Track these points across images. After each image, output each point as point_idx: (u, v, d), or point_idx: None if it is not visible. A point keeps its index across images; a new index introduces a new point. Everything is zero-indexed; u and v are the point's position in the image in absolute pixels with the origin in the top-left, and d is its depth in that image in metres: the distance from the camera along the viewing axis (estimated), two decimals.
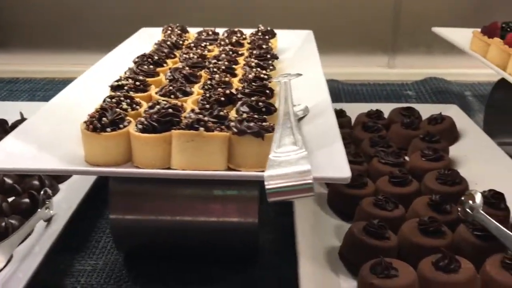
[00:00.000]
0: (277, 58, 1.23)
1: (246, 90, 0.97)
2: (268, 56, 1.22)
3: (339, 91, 1.94)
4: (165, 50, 1.26)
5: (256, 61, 1.15)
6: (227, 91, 0.94)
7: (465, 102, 1.84)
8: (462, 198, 0.99)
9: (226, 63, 1.14)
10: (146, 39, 1.49)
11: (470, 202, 0.97)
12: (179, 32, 1.45)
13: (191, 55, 1.22)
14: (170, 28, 1.49)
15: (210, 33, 1.47)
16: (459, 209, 0.99)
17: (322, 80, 1.12)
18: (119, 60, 1.27)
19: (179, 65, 1.16)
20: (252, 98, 0.92)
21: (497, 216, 1.00)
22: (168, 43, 1.32)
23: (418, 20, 2.02)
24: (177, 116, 0.83)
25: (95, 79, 1.14)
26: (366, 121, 1.44)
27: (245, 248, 0.94)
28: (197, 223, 0.91)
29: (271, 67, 1.14)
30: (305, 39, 1.56)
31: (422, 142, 1.30)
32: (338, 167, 0.73)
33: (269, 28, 1.50)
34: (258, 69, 1.12)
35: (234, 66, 1.14)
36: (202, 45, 1.33)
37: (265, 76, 1.05)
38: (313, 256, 0.91)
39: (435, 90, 1.91)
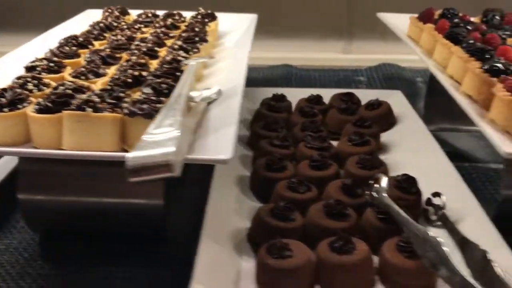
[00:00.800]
0: (206, 41, 1.23)
1: (157, 72, 0.97)
2: (196, 39, 1.22)
3: (291, 76, 1.94)
4: (95, 32, 1.26)
5: (180, 43, 1.15)
6: (136, 73, 0.94)
7: (415, 88, 1.85)
8: (371, 182, 1.01)
9: (149, 45, 1.14)
10: (88, 21, 1.49)
11: (377, 186, 0.99)
12: (117, 14, 1.44)
13: (119, 37, 1.21)
14: (110, 10, 1.48)
15: (150, 15, 1.46)
16: (367, 192, 1.00)
17: (243, 65, 1.12)
18: (50, 41, 1.26)
19: (104, 47, 1.16)
20: (158, 80, 0.92)
21: (408, 200, 1.02)
22: (101, 24, 1.31)
23: (373, 5, 2.01)
24: (74, 97, 0.83)
25: (19, 60, 1.14)
26: (304, 106, 1.45)
27: (152, 229, 0.95)
28: (103, 203, 0.92)
29: (194, 50, 1.14)
30: (249, 24, 1.56)
31: (353, 127, 1.31)
32: (222, 149, 0.74)
33: (209, 11, 1.49)
34: (181, 51, 1.12)
35: (157, 48, 1.14)
36: (136, 27, 1.32)
37: (182, 59, 1.05)
38: (218, 237, 0.92)
39: (386, 77, 1.92)
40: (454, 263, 0.77)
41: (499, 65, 0.96)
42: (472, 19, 1.52)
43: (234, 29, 1.53)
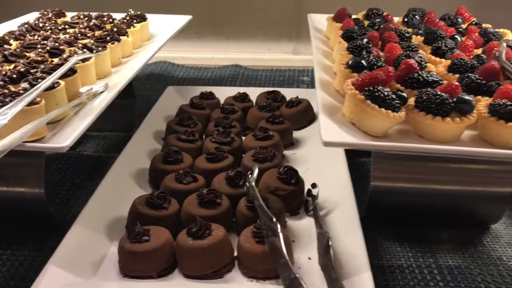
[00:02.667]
0: (118, 40, 1.29)
1: (45, 69, 1.03)
2: (108, 38, 1.28)
3: (239, 75, 2.00)
4: (17, 32, 1.33)
5: (87, 42, 1.22)
6: (21, 69, 1.01)
7: None
8: (248, 174, 1.06)
9: (56, 44, 1.20)
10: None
11: (251, 177, 1.03)
12: (50, 16, 1.52)
13: (36, 37, 1.28)
14: (46, 12, 1.55)
15: (82, 17, 1.53)
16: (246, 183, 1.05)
17: (138, 63, 1.18)
18: None
19: (14, 46, 1.23)
20: (37, 75, 0.98)
21: (286, 191, 1.06)
22: (26, 25, 1.39)
23: (320, 7, 2.05)
24: None
25: None
26: (225, 103, 1.50)
27: (36, 216, 1.01)
28: None
29: (99, 49, 1.20)
30: (181, 25, 1.62)
31: (265, 123, 1.36)
32: (65, 138, 0.80)
33: (139, 13, 1.56)
34: (85, 50, 1.18)
35: (65, 47, 1.21)
36: (60, 28, 1.39)
37: (72, 56, 1.11)
38: (93, 223, 0.97)
39: None
40: (284, 251, 0.82)
41: (363, 61, 0.99)
42: (396, 18, 1.56)
43: (165, 30, 1.59)
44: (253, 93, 1.58)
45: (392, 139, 0.89)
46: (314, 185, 1.09)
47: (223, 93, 1.60)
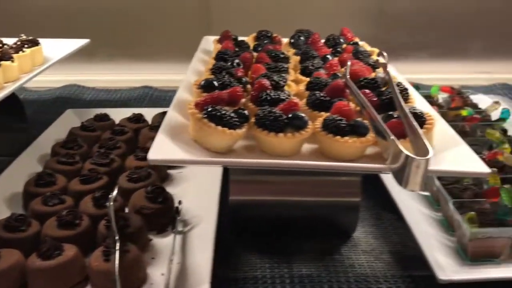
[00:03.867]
0: None
1: None
2: None
3: (147, 96, 2.03)
4: None
5: None
6: None
7: None
8: (110, 194, 1.08)
9: None
10: None
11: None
12: None
13: None
14: None
15: None
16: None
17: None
18: None
19: None
20: None
21: (151, 209, 1.09)
22: None
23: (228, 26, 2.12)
24: None
25: None
26: (117, 125, 1.53)
27: None
28: None
29: None
30: (75, 48, 1.64)
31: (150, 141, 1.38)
32: None
33: (31, 38, 1.57)
34: None
35: None
36: None
37: None
38: None
39: None
40: (116, 269, 0.85)
41: (215, 82, 1.04)
42: (285, 40, 1.63)
43: (62, 53, 1.61)
44: (152, 113, 1.61)
45: (234, 155, 0.93)
46: (180, 202, 1.13)
47: (123, 114, 1.62)
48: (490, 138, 1.34)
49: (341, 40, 1.57)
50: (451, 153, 0.89)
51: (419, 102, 1.10)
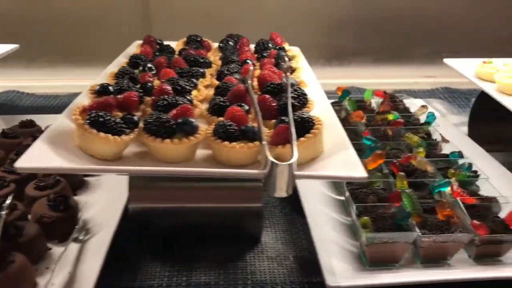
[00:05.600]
0: None
1: None
2: None
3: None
4: None
5: None
6: None
7: None
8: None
9: None
10: None
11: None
12: None
13: None
14: None
15: None
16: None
17: None
18: None
19: None
20: None
21: (52, 217, 1.07)
22: None
23: (168, 33, 2.10)
24: None
25: None
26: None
27: None
28: None
29: None
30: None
31: None
32: None
33: None
34: None
35: None
36: None
37: None
38: None
39: None
40: None
41: (110, 87, 1.02)
42: (216, 44, 1.62)
43: None
44: None
45: (121, 162, 0.91)
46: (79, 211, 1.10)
47: (52, 120, 1.59)
48: (409, 142, 1.34)
49: (270, 45, 1.57)
50: (337, 158, 0.88)
51: (322, 107, 1.09)
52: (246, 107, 1.00)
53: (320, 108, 1.10)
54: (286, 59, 1.35)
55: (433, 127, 1.47)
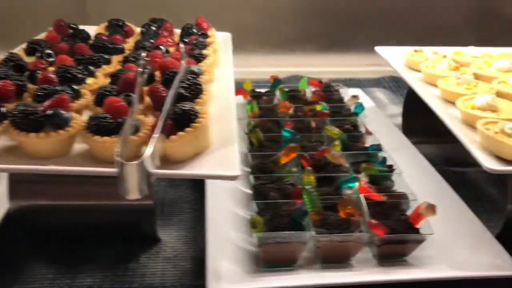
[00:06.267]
0: None
1: None
2: None
3: None
4: None
5: None
6: None
7: None
8: None
9: None
10: None
11: None
12: None
13: None
14: None
15: None
16: None
17: None
18: None
19: None
20: None
21: None
22: None
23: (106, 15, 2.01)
24: None
25: None
26: None
27: None
28: None
29: None
30: None
31: None
32: None
33: None
34: None
35: None
36: None
37: None
38: None
39: None
40: None
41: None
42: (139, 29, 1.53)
43: None
44: None
45: None
46: None
47: None
48: (329, 134, 1.28)
49: (194, 30, 1.49)
50: (218, 154, 0.82)
51: (225, 100, 1.03)
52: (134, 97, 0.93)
53: (222, 101, 1.03)
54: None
55: (360, 119, 1.41)
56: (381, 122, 1.50)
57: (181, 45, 1.16)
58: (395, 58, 1.51)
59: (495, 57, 1.40)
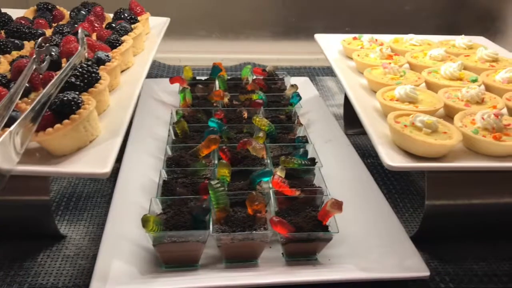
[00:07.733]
0: None
1: None
2: None
3: None
4: None
5: None
6: None
7: None
8: None
9: None
10: None
11: None
12: None
13: None
14: None
15: None
16: None
17: None
18: None
19: None
20: None
21: None
22: None
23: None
24: None
25: None
26: None
27: None
28: None
29: None
30: None
31: None
32: None
33: None
34: None
35: None
36: None
37: None
38: None
39: None
40: None
41: None
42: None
43: None
44: None
45: None
46: None
47: None
48: (257, 125, 1.22)
49: (126, 15, 1.42)
50: (97, 149, 0.76)
51: (125, 87, 0.97)
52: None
53: (128, 89, 0.97)
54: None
55: (294, 109, 1.36)
56: (320, 113, 1.45)
57: (80, 30, 1.08)
58: (335, 46, 1.46)
59: (434, 45, 1.34)
